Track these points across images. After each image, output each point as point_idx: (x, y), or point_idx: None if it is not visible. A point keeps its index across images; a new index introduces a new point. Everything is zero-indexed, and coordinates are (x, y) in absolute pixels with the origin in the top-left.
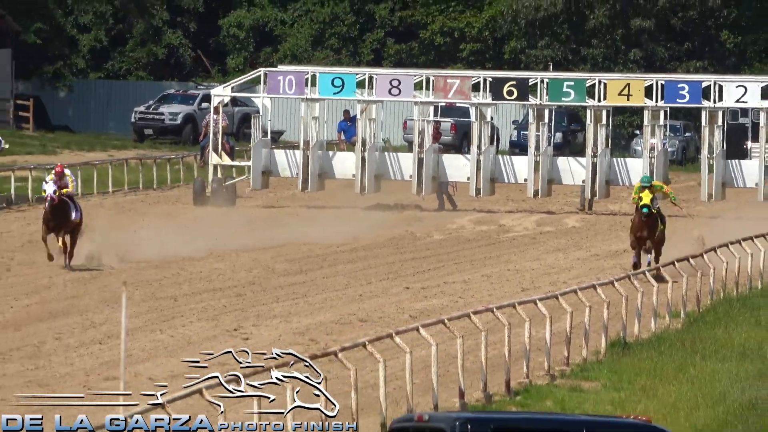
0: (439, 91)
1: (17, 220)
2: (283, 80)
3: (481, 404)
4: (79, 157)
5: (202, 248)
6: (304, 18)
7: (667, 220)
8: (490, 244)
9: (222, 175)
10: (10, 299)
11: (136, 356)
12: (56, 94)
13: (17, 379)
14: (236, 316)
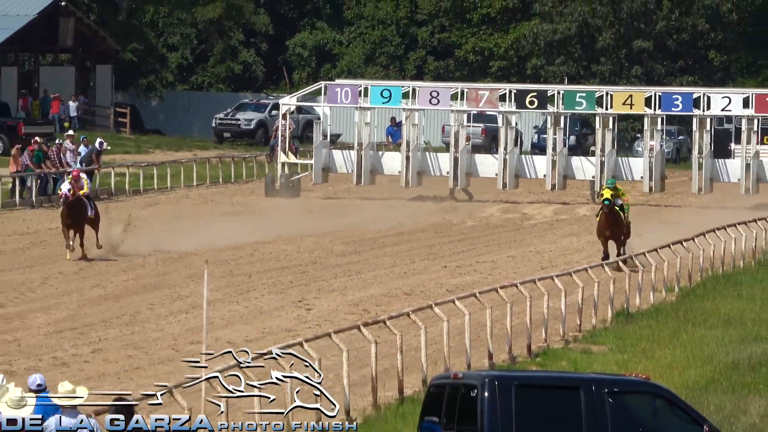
0: (471, 101)
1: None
2: (340, 92)
3: (507, 364)
4: (168, 155)
5: (272, 233)
6: (358, 39)
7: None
8: (515, 229)
9: (289, 172)
10: (111, 276)
11: (217, 324)
12: (149, 103)
13: (117, 342)
14: (300, 290)
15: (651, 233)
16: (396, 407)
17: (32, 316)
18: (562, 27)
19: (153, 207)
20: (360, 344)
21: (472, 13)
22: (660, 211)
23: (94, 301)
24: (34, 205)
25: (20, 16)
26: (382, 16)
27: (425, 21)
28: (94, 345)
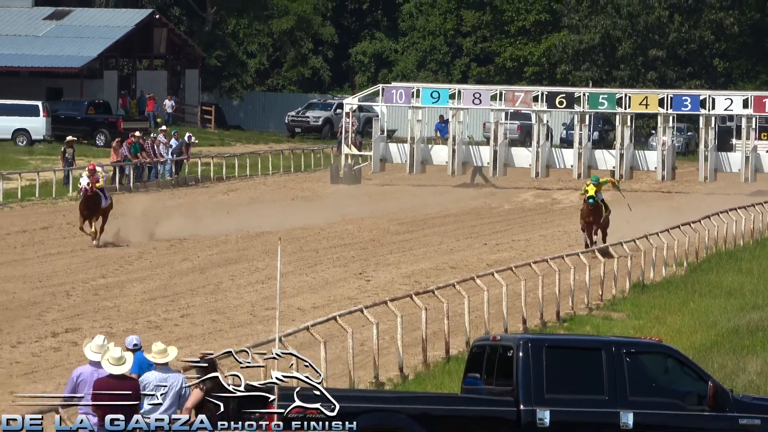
0: (508, 101)
1: (203, 193)
2: (396, 93)
3: (538, 328)
4: (247, 148)
5: (337, 215)
6: (411, 48)
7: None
8: (546, 212)
9: (351, 162)
10: (198, 250)
11: (288, 293)
12: (231, 102)
13: (202, 308)
14: (361, 264)
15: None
16: (443, 365)
17: (130, 285)
18: (587, 38)
19: (234, 192)
20: (412, 311)
21: (510, 26)
22: (671, 197)
23: (183, 272)
24: (131, 190)
25: (120, 27)
26: (432, 28)
27: (469, 32)
28: (183, 310)
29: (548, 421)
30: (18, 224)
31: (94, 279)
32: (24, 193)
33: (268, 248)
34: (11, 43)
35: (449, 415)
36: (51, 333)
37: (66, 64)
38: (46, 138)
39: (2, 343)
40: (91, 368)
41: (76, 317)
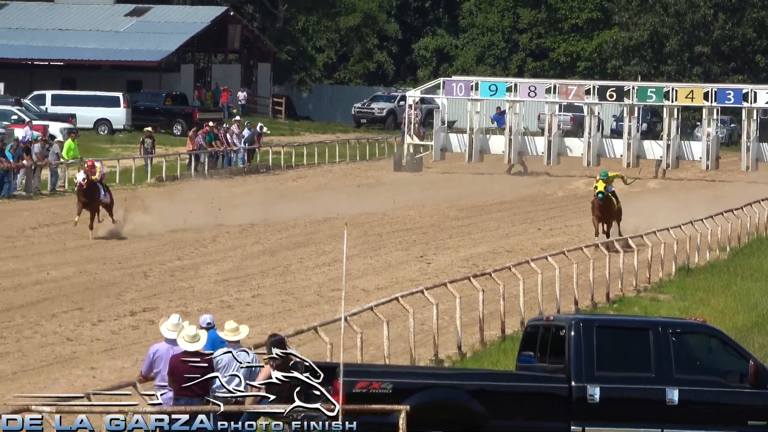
0: (562, 94)
1: (273, 180)
2: (456, 86)
3: (589, 309)
4: (316, 137)
5: (399, 201)
6: (471, 44)
7: None
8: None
9: (413, 151)
10: (269, 234)
11: (354, 274)
12: (300, 94)
13: (272, 289)
14: (422, 247)
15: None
16: (499, 344)
17: (204, 267)
18: (637, 35)
19: (303, 179)
20: (470, 292)
21: (564, 23)
22: (715, 185)
23: (254, 255)
24: (206, 177)
25: (196, 24)
26: (491, 25)
27: (525, 29)
28: (254, 291)
29: (598, 397)
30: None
31: (171, 261)
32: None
33: (335, 232)
34: (94, 38)
35: (505, 391)
36: (129, 312)
37: (145, 58)
38: (126, 128)
39: (84, 321)
40: (167, 345)
41: (153, 297)
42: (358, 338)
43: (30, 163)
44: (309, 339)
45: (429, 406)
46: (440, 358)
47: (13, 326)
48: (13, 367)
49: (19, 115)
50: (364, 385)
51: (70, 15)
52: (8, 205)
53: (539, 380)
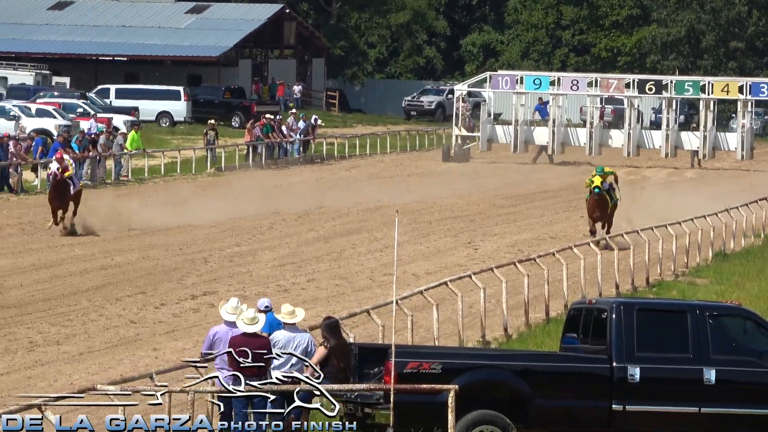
0: (603, 87)
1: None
2: (502, 80)
3: (630, 293)
4: (367, 129)
5: (447, 190)
6: (516, 39)
7: None
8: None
9: (461, 142)
10: (323, 222)
11: (404, 260)
12: (353, 88)
13: (326, 274)
14: (469, 234)
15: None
16: (543, 326)
17: (261, 253)
18: (674, 31)
19: (355, 169)
20: (515, 276)
21: (605, 20)
22: (749, 175)
23: (309, 241)
24: (263, 167)
25: (254, 21)
26: (535, 22)
27: (568, 25)
28: (309, 276)
29: (638, 377)
30: (162, 197)
31: (230, 247)
32: (167, 169)
33: (386, 220)
34: (156, 35)
35: (549, 371)
36: (190, 296)
37: (205, 53)
38: (187, 120)
39: (147, 305)
40: (226, 327)
41: (213, 281)
42: (408, 321)
43: (95, 154)
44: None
45: (476, 386)
46: (487, 339)
47: (80, 309)
48: (79, 348)
49: (84, 108)
50: (415, 366)
51: (134, 12)
52: None
53: (582, 361)
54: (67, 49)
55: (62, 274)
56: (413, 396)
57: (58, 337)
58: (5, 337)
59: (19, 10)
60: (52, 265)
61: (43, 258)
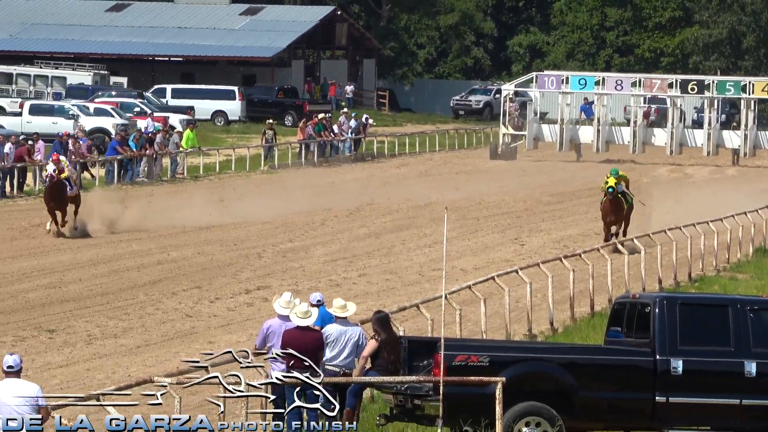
0: (646, 87)
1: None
2: (548, 80)
3: (672, 287)
4: (417, 128)
5: (494, 187)
6: (561, 41)
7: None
8: (679, 185)
9: (508, 140)
10: (374, 218)
11: (453, 255)
12: (403, 88)
13: (377, 269)
14: (516, 230)
15: None
16: (588, 320)
17: (314, 248)
18: (716, 32)
19: (405, 167)
20: (561, 271)
21: (648, 21)
22: None
23: (360, 237)
24: (315, 165)
25: (306, 22)
26: (580, 23)
27: (612, 27)
28: (360, 271)
29: (681, 370)
30: (217, 194)
31: (283, 243)
32: (221, 166)
33: (435, 216)
34: (211, 36)
35: (593, 363)
36: (244, 290)
37: (259, 54)
38: (241, 119)
39: (202, 299)
40: (280, 321)
41: (266, 276)
42: (457, 314)
43: (152, 152)
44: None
45: (523, 378)
46: (534, 333)
47: (137, 303)
48: (136, 341)
49: (141, 107)
50: (463, 359)
51: (189, 14)
52: (131, 191)
53: (626, 354)
54: (124, 50)
55: (120, 269)
56: (462, 388)
57: (115, 330)
58: (65, 330)
59: (78, 12)
60: (110, 260)
61: (101, 253)
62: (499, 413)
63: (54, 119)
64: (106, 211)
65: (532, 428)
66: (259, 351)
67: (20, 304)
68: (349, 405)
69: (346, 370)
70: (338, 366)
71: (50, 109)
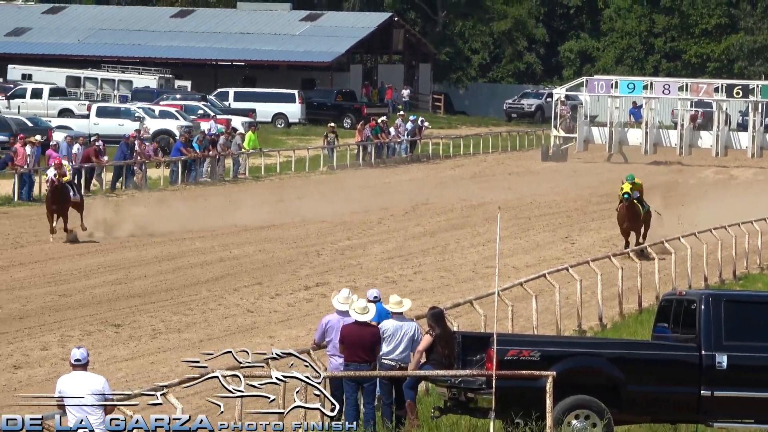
0: (693, 92)
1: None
2: (597, 84)
3: (717, 285)
4: (471, 130)
5: (546, 188)
6: (611, 46)
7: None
8: (725, 187)
9: (559, 142)
10: (428, 218)
11: (505, 253)
12: (458, 91)
13: (432, 266)
14: (566, 229)
15: None
16: (636, 316)
17: (371, 246)
18: (761, 38)
19: (459, 168)
20: (610, 269)
21: (695, 28)
22: None
23: (416, 236)
24: (372, 166)
25: (364, 28)
26: (629, 30)
27: (660, 33)
28: (415, 268)
29: (725, 364)
30: (277, 195)
31: (341, 241)
32: (282, 167)
33: (488, 216)
34: (272, 41)
35: (641, 358)
36: (304, 286)
37: (318, 58)
38: (301, 121)
39: (263, 295)
40: (338, 316)
41: (325, 273)
42: (509, 310)
43: (215, 153)
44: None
45: (573, 372)
46: (583, 328)
47: (200, 299)
48: (199, 335)
49: (204, 110)
50: (515, 353)
51: (251, 20)
52: (194, 191)
53: (672, 349)
54: (188, 55)
55: (183, 266)
56: (513, 382)
57: (179, 325)
58: (130, 324)
59: (144, 18)
60: (174, 257)
61: (165, 250)
62: (549, 406)
63: (120, 121)
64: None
65: (581, 421)
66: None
67: (87, 300)
68: (408, 397)
69: (402, 364)
70: (394, 360)
71: (117, 112)
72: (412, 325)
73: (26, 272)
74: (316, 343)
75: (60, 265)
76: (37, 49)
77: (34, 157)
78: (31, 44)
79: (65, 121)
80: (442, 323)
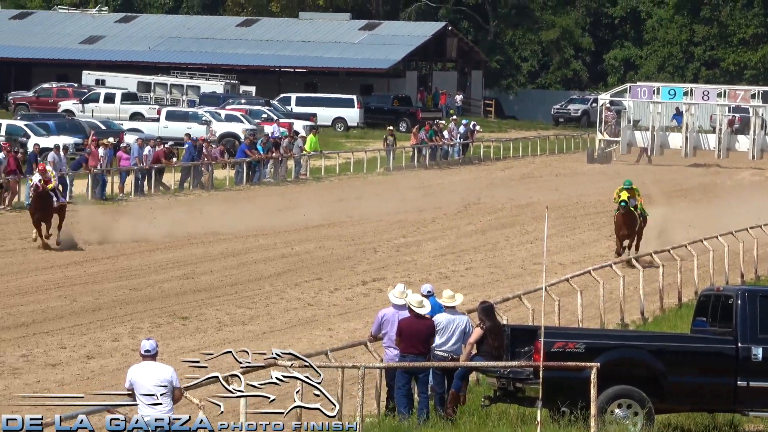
0: (731, 98)
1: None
2: (640, 90)
3: (753, 281)
4: (520, 134)
5: (591, 188)
6: (653, 55)
7: None
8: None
9: (604, 145)
10: (480, 216)
11: (552, 251)
12: (508, 97)
13: (482, 263)
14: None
15: None
16: (676, 311)
17: (424, 244)
18: None
19: (509, 169)
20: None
21: (733, 37)
22: None
23: (468, 234)
24: (426, 167)
25: (420, 37)
26: (670, 39)
27: (700, 42)
28: (467, 264)
29: (761, 357)
30: (336, 194)
31: (396, 238)
32: (341, 168)
33: (536, 215)
34: (332, 49)
35: (681, 350)
36: (361, 282)
37: (376, 65)
38: (359, 125)
39: (322, 290)
40: (394, 310)
41: (381, 269)
42: (555, 305)
43: (278, 155)
44: (514, 305)
45: (616, 364)
46: (626, 322)
47: (263, 293)
48: (262, 328)
49: (268, 114)
50: (561, 345)
51: (313, 29)
52: (258, 191)
53: (710, 342)
54: (253, 62)
55: (247, 262)
56: (560, 372)
57: (243, 318)
58: (197, 317)
59: (211, 27)
60: (239, 253)
61: (231, 247)
62: (593, 396)
63: (188, 125)
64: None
65: (624, 410)
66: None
67: (156, 294)
68: (455, 387)
69: (453, 356)
70: (447, 352)
71: (185, 116)
72: (464, 319)
73: (99, 267)
74: (373, 335)
75: (131, 261)
76: (110, 56)
77: (107, 158)
78: (104, 51)
79: (136, 124)
80: (492, 317)
